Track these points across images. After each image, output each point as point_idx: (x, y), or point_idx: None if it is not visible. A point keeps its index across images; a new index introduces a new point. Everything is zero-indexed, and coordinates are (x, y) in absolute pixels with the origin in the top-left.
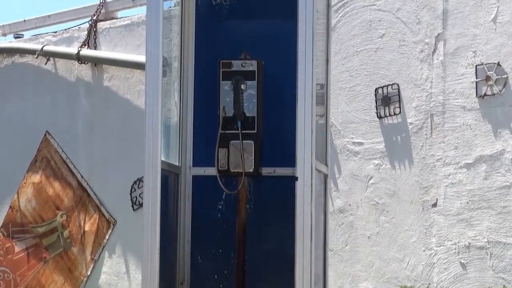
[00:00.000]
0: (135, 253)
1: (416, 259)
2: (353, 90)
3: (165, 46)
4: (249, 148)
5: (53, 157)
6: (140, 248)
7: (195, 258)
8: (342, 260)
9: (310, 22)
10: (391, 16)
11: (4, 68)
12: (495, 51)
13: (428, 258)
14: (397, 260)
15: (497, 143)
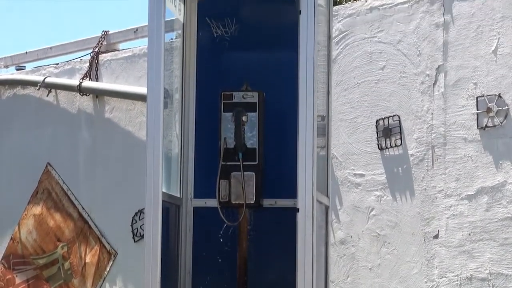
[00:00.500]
0: (136, 285)
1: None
2: (354, 121)
3: (167, 77)
4: (250, 179)
5: (54, 189)
6: (141, 279)
7: None
8: None
9: (311, 54)
10: (392, 48)
11: (5, 100)
12: (496, 83)
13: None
14: None
15: (498, 174)
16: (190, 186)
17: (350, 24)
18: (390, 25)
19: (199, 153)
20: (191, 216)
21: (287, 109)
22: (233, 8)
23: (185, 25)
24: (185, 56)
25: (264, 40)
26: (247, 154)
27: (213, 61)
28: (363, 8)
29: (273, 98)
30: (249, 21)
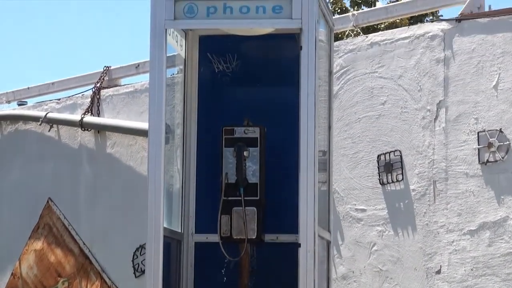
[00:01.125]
0: None
1: None
2: (356, 156)
3: (168, 113)
4: (252, 214)
5: (55, 224)
6: None
7: None
8: None
9: (312, 90)
10: (393, 83)
11: (7, 135)
12: (497, 118)
13: None
14: None
15: (500, 209)
16: (191, 221)
17: (351, 59)
18: (391, 60)
19: (200, 188)
20: (193, 251)
21: (289, 144)
22: (234, 44)
23: (187, 60)
24: (186, 91)
25: (265, 75)
26: (249, 189)
27: (214, 96)
28: (364, 43)
29: (274, 133)
30: (250, 57)
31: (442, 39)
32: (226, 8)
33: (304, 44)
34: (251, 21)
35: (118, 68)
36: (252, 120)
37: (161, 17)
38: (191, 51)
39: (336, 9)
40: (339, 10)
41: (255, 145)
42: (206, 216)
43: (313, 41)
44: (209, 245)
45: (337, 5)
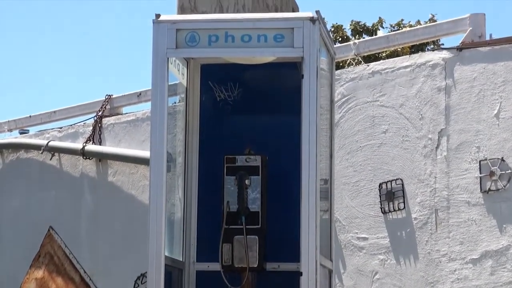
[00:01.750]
0: None
1: None
2: (357, 185)
3: (170, 141)
4: (253, 243)
5: (56, 253)
6: None
7: None
8: None
9: (314, 118)
10: (394, 112)
11: (9, 163)
12: (499, 146)
13: None
14: None
15: (502, 238)
16: (192, 249)
17: (353, 88)
18: (392, 89)
19: (201, 216)
20: (194, 280)
21: (290, 173)
22: (236, 72)
23: (188, 89)
24: (188, 119)
25: (267, 103)
26: (250, 218)
27: (216, 125)
28: (365, 72)
29: (276, 162)
30: (252, 85)
31: (443, 67)
32: (228, 37)
33: (306, 72)
34: (253, 50)
35: (120, 97)
36: (254, 149)
37: (163, 45)
38: (193, 79)
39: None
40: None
41: (257, 174)
42: (208, 245)
43: (315, 70)
44: (211, 274)
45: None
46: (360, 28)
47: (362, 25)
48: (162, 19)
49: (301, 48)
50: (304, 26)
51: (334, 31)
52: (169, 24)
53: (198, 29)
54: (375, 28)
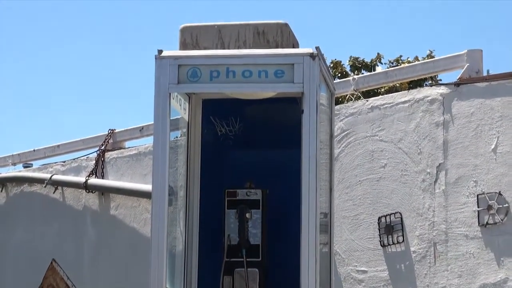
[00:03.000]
0: None
1: None
2: (357, 218)
3: (171, 175)
4: (254, 276)
5: (59, 285)
6: None
7: None
8: None
9: (314, 153)
10: (393, 147)
11: (12, 197)
12: (496, 181)
13: None
14: None
15: (500, 271)
16: (194, 282)
17: (352, 123)
18: (391, 123)
19: (203, 249)
20: None
21: (290, 206)
22: (237, 107)
23: (190, 123)
24: (189, 154)
25: (268, 138)
26: (251, 251)
27: (217, 159)
28: (364, 107)
29: (276, 195)
30: (253, 120)
31: (441, 103)
32: (229, 72)
33: (306, 107)
34: (254, 85)
35: (122, 131)
36: (255, 183)
37: (165, 81)
38: (194, 114)
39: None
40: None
41: (257, 207)
42: (209, 277)
43: (315, 105)
44: None
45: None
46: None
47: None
48: (164, 55)
49: (301, 84)
50: (304, 62)
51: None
52: (171, 59)
53: (199, 65)
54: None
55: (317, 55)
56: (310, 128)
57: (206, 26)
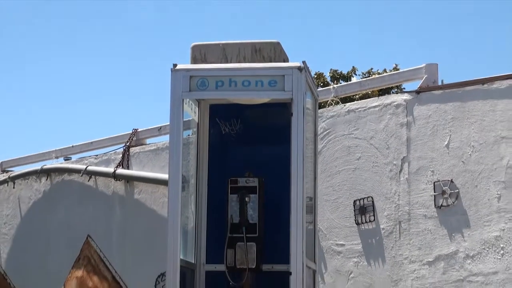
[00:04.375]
0: None
1: None
2: (336, 201)
3: (184, 166)
4: (252, 248)
5: (93, 256)
6: None
7: None
8: None
9: (301, 148)
10: (366, 143)
11: (55, 184)
12: (449, 171)
13: None
14: None
15: (452, 244)
16: (202, 254)
17: (332, 123)
18: (364, 124)
19: (210, 227)
20: (204, 278)
21: (282, 192)
22: (238, 111)
23: (199, 124)
24: (199, 149)
25: (263, 136)
26: (249, 228)
27: (221, 153)
28: (342, 110)
29: (270, 183)
30: (251, 121)
31: (405, 107)
32: (231, 82)
33: (294, 111)
34: (252, 93)
35: (144, 130)
36: (253, 172)
37: (179, 89)
38: (203, 116)
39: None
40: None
41: (255, 193)
42: (215, 250)
43: (302, 109)
44: (217, 274)
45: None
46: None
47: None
48: (178, 68)
49: (291, 91)
50: (293, 74)
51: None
52: (184, 72)
53: (207, 76)
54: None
55: (303, 68)
56: (298, 128)
57: (212, 44)
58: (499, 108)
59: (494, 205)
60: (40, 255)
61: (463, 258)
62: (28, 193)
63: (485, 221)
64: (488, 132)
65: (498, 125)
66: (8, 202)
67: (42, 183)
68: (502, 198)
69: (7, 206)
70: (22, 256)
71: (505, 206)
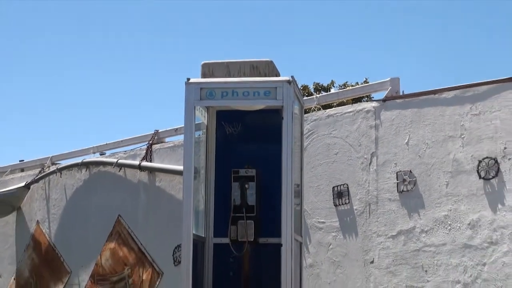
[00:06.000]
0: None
1: None
2: (318, 188)
3: (196, 160)
4: (251, 225)
5: (123, 232)
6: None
7: None
8: None
9: (290, 145)
10: (342, 141)
11: (93, 174)
12: (408, 163)
13: None
14: None
15: (410, 222)
16: (211, 229)
17: (315, 125)
18: (341, 126)
19: (217, 208)
20: (212, 249)
21: (274, 180)
22: (239, 116)
23: (208, 126)
24: (207, 146)
25: (259, 135)
26: (248, 209)
27: (226, 149)
28: (323, 115)
29: (265, 173)
30: (249, 124)
31: (374, 112)
32: (234, 93)
33: (284, 116)
34: (250, 101)
35: (163, 131)
36: (251, 165)
37: (191, 98)
38: (211, 120)
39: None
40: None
41: (253, 181)
42: (221, 226)
43: (290, 114)
44: (223, 245)
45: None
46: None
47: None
48: (191, 82)
49: (282, 100)
50: (283, 86)
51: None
52: (195, 84)
53: (214, 88)
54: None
55: (292, 81)
56: (287, 129)
57: (218, 62)
58: (447, 113)
59: (443, 190)
60: (81, 231)
61: (419, 232)
62: (72, 181)
63: (436, 203)
64: (438, 133)
65: (446, 127)
66: (56, 188)
67: (82, 173)
68: (449, 185)
69: (55, 192)
70: (67, 232)
71: (452, 191)
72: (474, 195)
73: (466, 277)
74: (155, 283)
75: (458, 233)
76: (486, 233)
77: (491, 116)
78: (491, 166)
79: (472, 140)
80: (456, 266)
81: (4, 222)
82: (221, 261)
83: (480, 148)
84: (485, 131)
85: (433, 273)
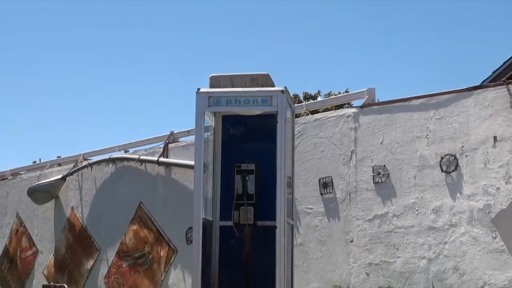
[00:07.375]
0: (188, 268)
1: (342, 270)
2: (307, 179)
3: (204, 156)
4: (250, 211)
5: (143, 216)
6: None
7: (220, 272)
8: (301, 271)
9: (283, 144)
10: (327, 141)
11: (119, 168)
12: (382, 159)
13: (348, 270)
14: (331, 271)
15: (384, 208)
16: (217, 214)
17: (304, 128)
18: (326, 128)
19: (222, 196)
20: (218, 230)
21: (270, 173)
22: (241, 119)
23: (215, 128)
24: (215, 145)
25: (258, 136)
26: (249, 197)
27: (230, 148)
28: (311, 119)
29: (263, 167)
30: (250, 126)
31: (353, 117)
32: (237, 100)
33: (279, 120)
34: (250, 108)
35: (177, 132)
36: (251, 160)
37: (201, 105)
38: (218, 123)
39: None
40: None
41: (252, 174)
42: (226, 211)
43: (283, 118)
44: (227, 227)
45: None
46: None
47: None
48: (201, 91)
49: (276, 107)
50: (278, 95)
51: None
52: (205, 94)
53: (220, 96)
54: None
55: (285, 91)
56: (281, 131)
57: (224, 75)
58: (415, 118)
59: (412, 182)
60: (108, 215)
61: (391, 216)
62: (101, 174)
63: (406, 192)
64: (407, 134)
65: (414, 129)
66: (87, 180)
67: (109, 167)
68: (416, 177)
69: (86, 183)
70: (97, 216)
71: (419, 183)
72: (437, 185)
73: (431, 254)
74: (171, 258)
75: (424, 217)
76: (447, 217)
77: (451, 120)
78: (451, 162)
79: (435, 140)
80: (422, 244)
81: (45, 208)
82: (226, 240)
83: (442, 146)
84: (446, 133)
85: (403, 250)
